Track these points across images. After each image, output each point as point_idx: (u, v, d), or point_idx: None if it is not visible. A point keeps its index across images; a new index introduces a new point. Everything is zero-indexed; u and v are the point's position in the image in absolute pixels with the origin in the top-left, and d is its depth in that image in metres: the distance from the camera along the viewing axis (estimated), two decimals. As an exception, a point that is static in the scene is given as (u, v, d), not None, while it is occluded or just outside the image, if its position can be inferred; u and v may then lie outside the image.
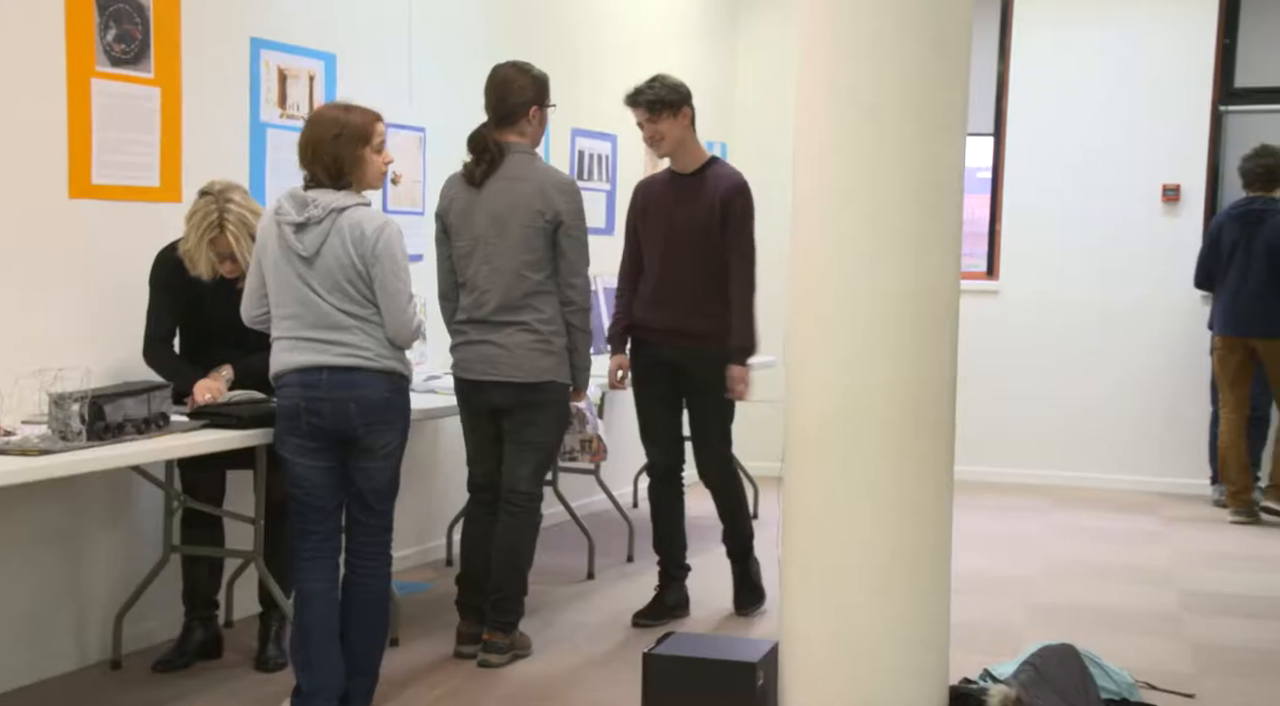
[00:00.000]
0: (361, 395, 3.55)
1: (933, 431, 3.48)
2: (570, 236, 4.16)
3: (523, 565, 4.27)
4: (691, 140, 4.67)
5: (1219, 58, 7.34)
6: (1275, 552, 6.09)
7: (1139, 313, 7.49)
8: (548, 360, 4.16)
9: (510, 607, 4.24)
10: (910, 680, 3.48)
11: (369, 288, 3.56)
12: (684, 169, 4.69)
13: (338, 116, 3.59)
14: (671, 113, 4.59)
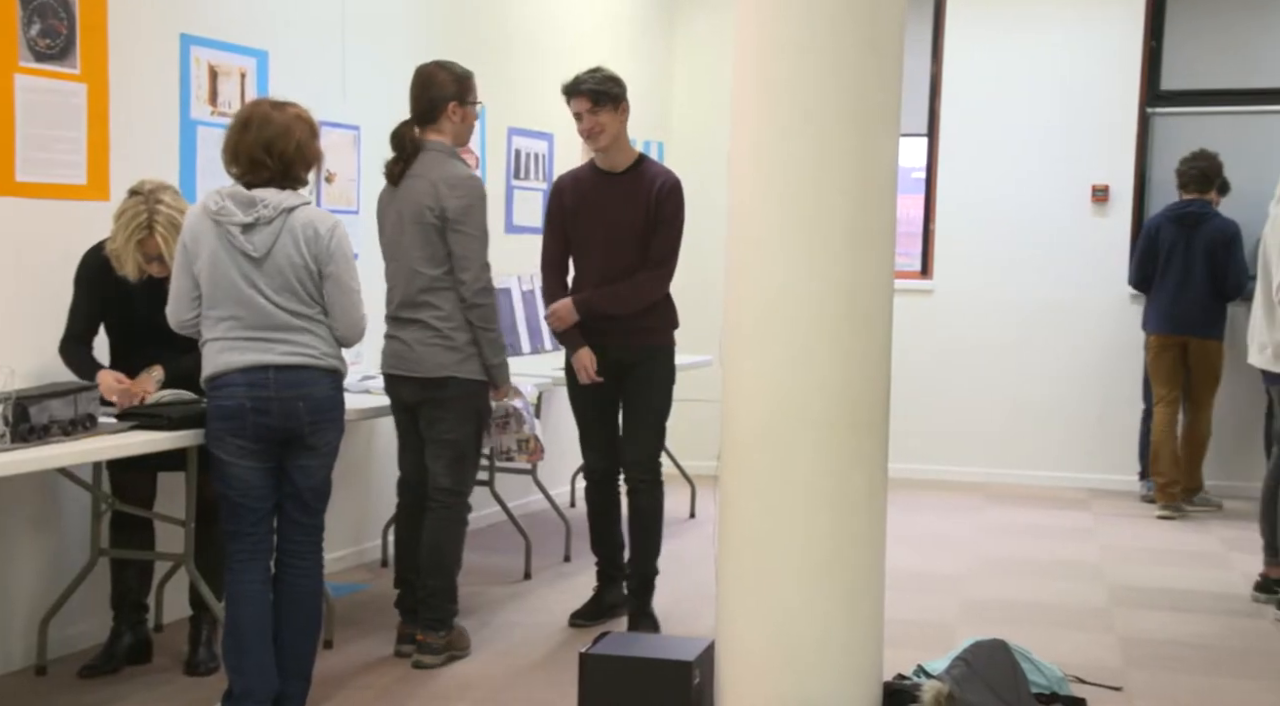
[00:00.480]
0: (309, 393, 3.54)
1: (867, 430, 3.51)
2: (457, 232, 4.11)
3: (448, 563, 4.23)
4: (625, 137, 4.60)
5: (1146, 61, 7.46)
6: (1201, 547, 6.20)
7: (1070, 311, 7.59)
8: (448, 356, 4.14)
9: (438, 606, 4.21)
10: (845, 677, 3.50)
11: (317, 288, 3.55)
12: (614, 166, 4.57)
13: (298, 114, 3.57)
14: (613, 105, 4.50)
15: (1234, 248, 6.79)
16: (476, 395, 4.23)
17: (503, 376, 4.25)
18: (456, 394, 4.18)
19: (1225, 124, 7.39)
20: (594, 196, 4.57)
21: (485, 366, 4.19)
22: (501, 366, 4.22)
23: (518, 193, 6.45)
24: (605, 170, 4.58)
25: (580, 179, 4.64)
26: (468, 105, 4.23)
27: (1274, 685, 4.21)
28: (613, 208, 4.53)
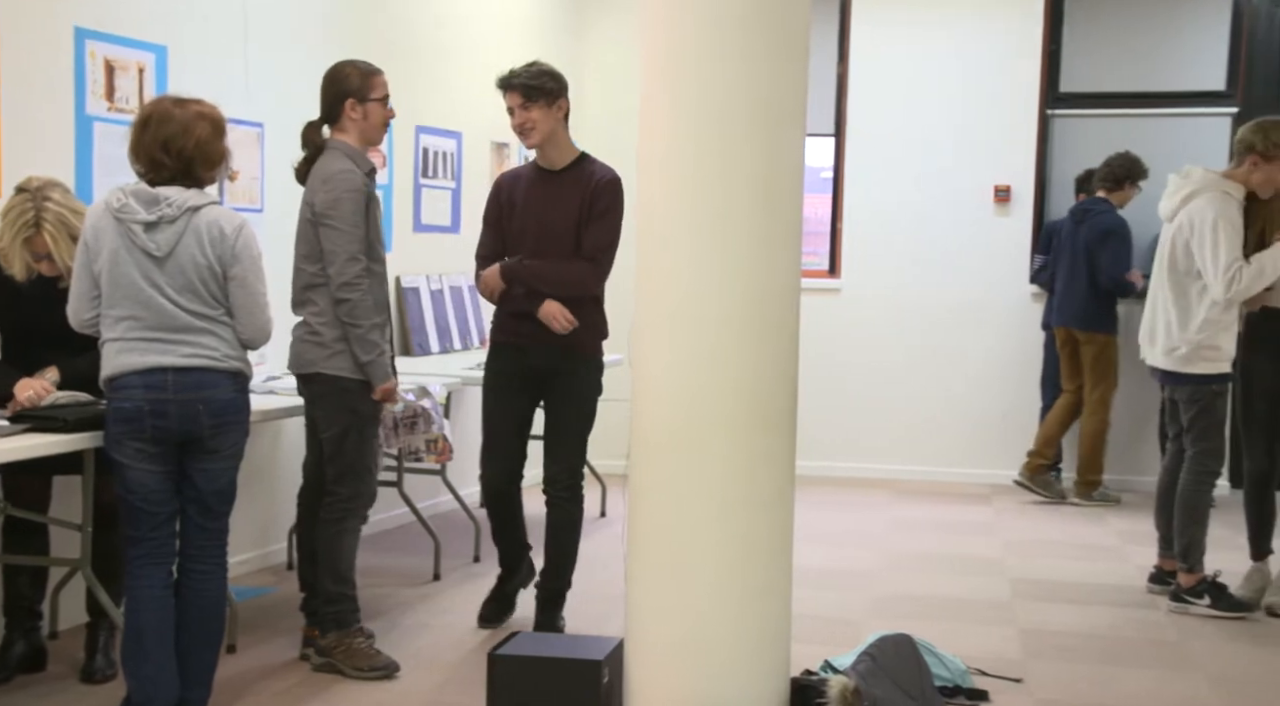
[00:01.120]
0: (210, 396, 3.47)
1: (775, 428, 3.54)
2: (324, 226, 4.03)
3: (337, 566, 4.15)
4: (563, 134, 4.45)
5: (1045, 63, 7.61)
6: (1098, 540, 6.34)
7: (974, 310, 7.72)
8: (316, 352, 4.09)
9: (328, 608, 4.15)
10: (753, 674, 3.53)
11: (221, 288, 3.49)
12: (553, 164, 4.46)
13: (200, 112, 3.50)
14: (547, 101, 4.38)
15: (1109, 242, 6.95)
16: (348, 392, 4.09)
17: (378, 375, 4.07)
18: (323, 391, 4.11)
19: (1122, 126, 7.57)
20: (531, 194, 4.46)
21: (358, 364, 4.07)
22: (373, 364, 4.06)
23: (425, 191, 6.40)
24: (545, 168, 4.48)
25: (520, 177, 4.55)
26: (368, 102, 4.13)
27: (1167, 674, 4.32)
28: (549, 205, 4.42)
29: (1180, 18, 7.53)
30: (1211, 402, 5.04)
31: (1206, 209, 4.91)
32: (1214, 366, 5.00)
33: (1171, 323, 5.04)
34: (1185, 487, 5.12)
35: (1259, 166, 4.96)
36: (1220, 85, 7.44)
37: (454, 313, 6.54)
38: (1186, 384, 5.06)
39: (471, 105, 6.74)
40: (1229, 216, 4.89)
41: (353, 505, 4.17)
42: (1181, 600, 5.06)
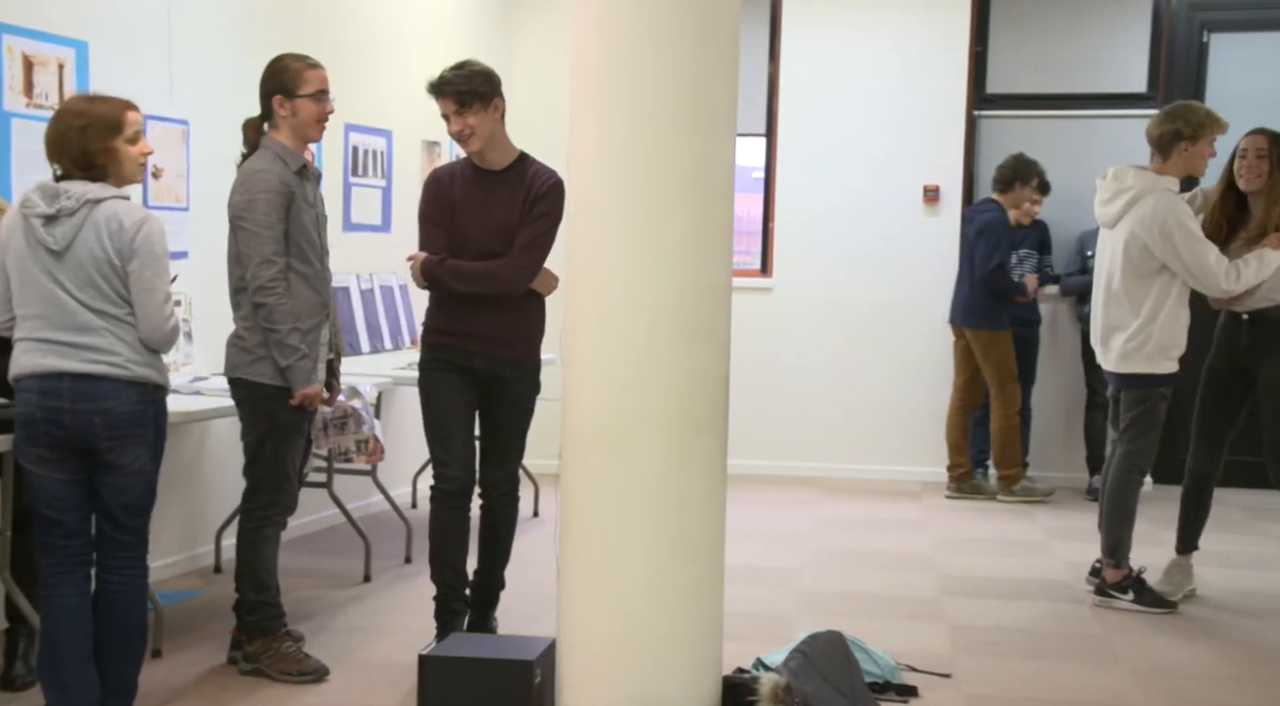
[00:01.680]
0: (108, 407, 3.35)
1: (707, 427, 3.55)
2: (238, 229, 3.97)
3: (258, 574, 4.09)
4: (502, 135, 4.27)
5: (972, 65, 7.70)
6: (1025, 536, 6.43)
7: (904, 309, 7.79)
8: (240, 357, 4.04)
9: (250, 617, 4.11)
10: (685, 673, 3.54)
11: (124, 285, 3.39)
12: (493, 165, 4.25)
13: (83, 108, 3.42)
14: (483, 104, 4.18)
15: (983, 238, 7.06)
16: (268, 399, 4.01)
17: (297, 380, 3.97)
18: (243, 396, 4.06)
19: (1046, 127, 7.68)
20: (470, 194, 4.25)
21: (278, 370, 3.99)
22: (292, 369, 3.96)
23: (355, 190, 6.34)
24: (484, 168, 4.28)
25: (456, 175, 4.32)
26: (297, 98, 4.05)
27: (1092, 666, 4.39)
28: (490, 207, 4.23)
29: (1102, 21, 7.65)
30: (1156, 404, 5.06)
31: (1159, 210, 4.90)
32: (1172, 366, 5.03)
33: (1132, 324, 5.01)
34: (1114, 485, 5.16)
35: (1187, 151, 5.01)
36: (1141, 87, 7.57)
37: (385, 312, 6.49)
38: (1138, 386, 5.05)
39: (402, 103, 6.68)
40: (1185, 213, 4.92)
41: (270, 513, 4.11)
42: (1106, 594, 5.13)
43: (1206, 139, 5.03)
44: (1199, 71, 7.56)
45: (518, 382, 4.31)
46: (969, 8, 7.63)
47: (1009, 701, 4.05)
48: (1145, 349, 5.00)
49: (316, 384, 4.07)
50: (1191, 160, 5.05)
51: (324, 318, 4.15)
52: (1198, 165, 5.08)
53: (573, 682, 3.55)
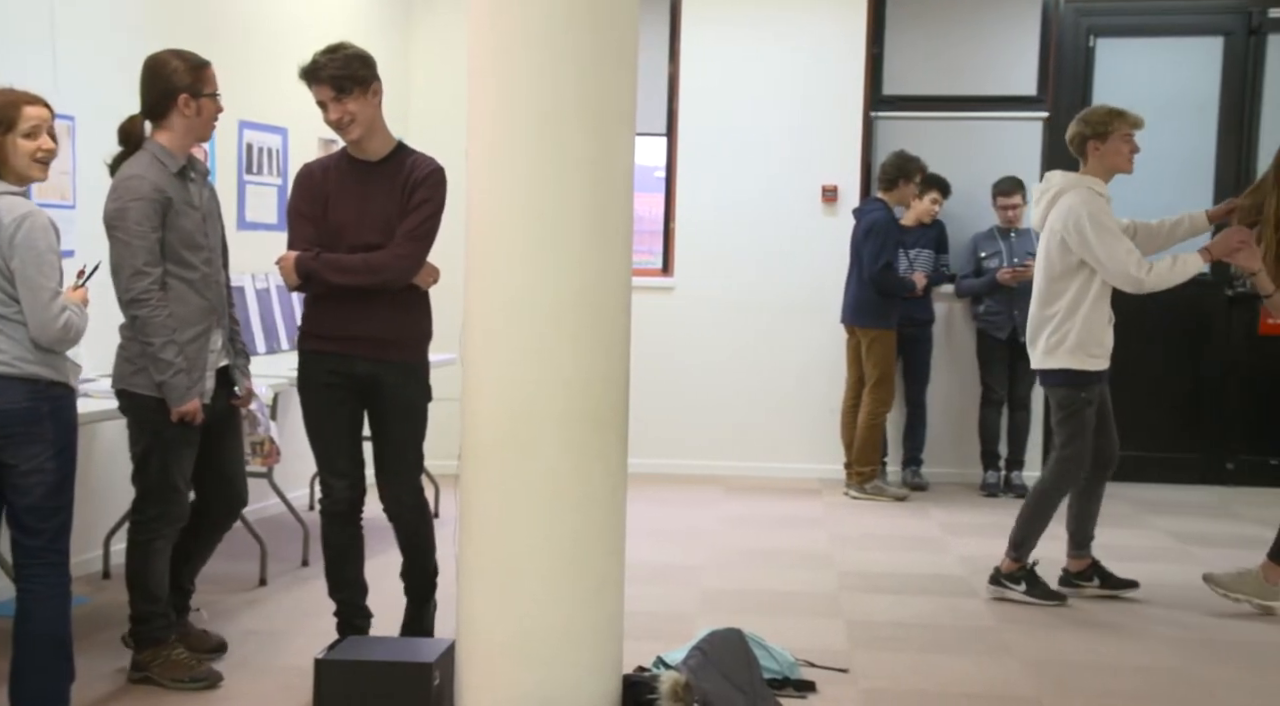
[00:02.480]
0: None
1: (607, 426, 3.55)
2: (110, 238, 3.88)
3: (147, 584, 4.01)
4: (381, 121, 4.07)
5: (869, 66, 7.80)
6: (921, 532, 6.53)
7: (803, 307, 7.86)
8: (123, 367, 3.96)
9: (139, 626, 4.04)
10: (585, 672, 3.55)
11: (11, 283, 3.32)
12: (370, 155, 4.05)
13: None
14: (362, 90, 3.97)
15: (869, 238, 7.15)
16: (151, 412, 3.92)
17: (172, 396, 3.86)
18: (127, 406, 3.99)
19: (942, 128, 7.81)
20: (347, 186, 4.05)
21: (159, 385, 3.89)
22: (167, 386, 3.85)
23: (250, 188, 6.24)
24: (360, 159, 4.08)
25: (330, 168, 4.13)
26: (203, 97, 3.96)
27: (985, 659, 4.48)
28: (368, 199, 4.03)
29: (994, 25, 7.81)
30: (1080, 410, 5.07)
31: (1075, 205, 4.98)
32: (1094, 363, 5.06)
33: (1052, 321, 5.07)
34: (1041, 486, 5.22)
35: (1099, 149, 5.08)
36: (1032, 90, 7.74)
37: (281, 312, 6.40)
38: (1060, 384, 5.09)
39: (297, 100, 6.49)
40: (1099, 208, 4.98)
41: (160, 525, 4.01)
42: (1000, 584, 5.23)
43: (1117, 135, 5.07)
44: (1086, 75, 7.76)
45: (403, 387, 4.06)
46: (865, 10, 7.74)
47: (904, 694, 4.12)
48: (1065, 344, 5.04)
49: (195, 400, 3.92)
50: (1107, 157, 5.09)
51: (213, 322, 4.04)
52: (1116, 162, 5.11)
53: (472, 684, 3.53)
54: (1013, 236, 7.45)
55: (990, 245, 7.49)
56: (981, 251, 7.52)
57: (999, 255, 7.44)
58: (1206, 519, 6.89)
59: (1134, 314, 7.70)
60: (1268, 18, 7.61)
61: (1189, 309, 7.67)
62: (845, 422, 7.43)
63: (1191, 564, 5.88)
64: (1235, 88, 7.65)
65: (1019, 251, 7.39)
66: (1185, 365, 7.75)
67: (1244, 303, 7.61)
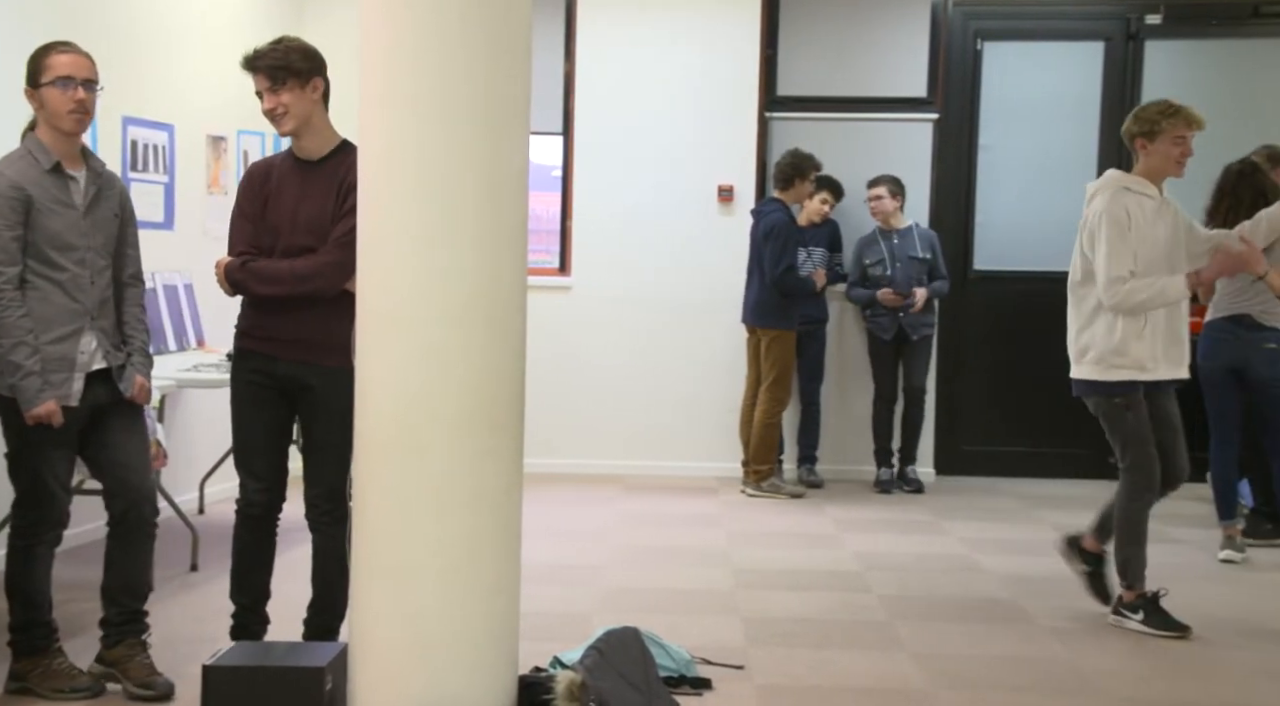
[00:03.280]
0: None
1: (502, 426, 3.54)
2: None
3: (24, 589, 3.91)
4: (320, 120, 4.03)
5: (763, 67, 7.87)
6: (816, 529, 6.60)
7: (702, 307, 7.90)
8: None
9: (18, 635, 3.94)
10: (480, 674, 3.52)
11: None
12: (310, 154, 4.03)
13: None
14: (299, 83, 3.95)
15: (770, 240, 7.20)
16: (11, 412, 3.82)
17: (22, 398, 3.75)
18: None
19: (835, 128, 7.89)
20: (286, 186, 4.02)
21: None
22: (16, 388, 3.75)
23: (135, 186, 6.09)
24: (302, 158, 4.05)
25: (273, 167, 4.10)
26: (41, 87, 3.82)
27: (878, 654, 4.55)
28: (303, 199, 3.99)
29: (885, 27, 7.92)
30: (1118, 414, 4.78)
31: (1099, 208, 4.73)
32: (1121, 373, 4.74)
33: (1072, 328, 4.87)
34: (1116, 505, 4.93)
35: (1146, 148, 4.76)
36: (922, 92, 7.86)
37: (168, 313, 6.26)
38: (1087, 394, 4.86)
39: (185, 96, 6.47)
40: (1119, 209, 4.69)
41: (39, 529, 3.91)
42: (1120, 613, 4.91)
43: (1167, 136, 4.73)
44: (974, 78, 7.91)
45: (327, 392, 3.97)
46: (759, 11, 7.80)
47: (798, 690, 4.16)
48: (1087, 354, 4.79)
49: (50, 403, 3.78)
50: (1153, 159, 4.77)
51: (84, 324, 3.90)
52: (1162, 164, 4.77)
53: (365, 687, 3.49)
54: (894, 239, 7.52)
55: (873, 251, 7.57)
56: (866, 258, 7.61)
57: (882, 262, 7.53)
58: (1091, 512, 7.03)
59: (1018, 310, 7.94)
60: (1145, 24, 7.83)
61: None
62: (744, 421, 7.48)
63: (1077, 556, 6.02)
64: (1115, 91, 7.85)
65: (900, 254, 7.48)
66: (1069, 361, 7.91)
67: (1126, 301, 7.81)
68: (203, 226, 6.65)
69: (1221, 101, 7.76)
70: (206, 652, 3.82)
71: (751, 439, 7.37)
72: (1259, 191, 5.79)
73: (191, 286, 6.40)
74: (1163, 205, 4.84)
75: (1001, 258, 7.95)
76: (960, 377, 7.95)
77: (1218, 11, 7.87)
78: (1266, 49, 7.84)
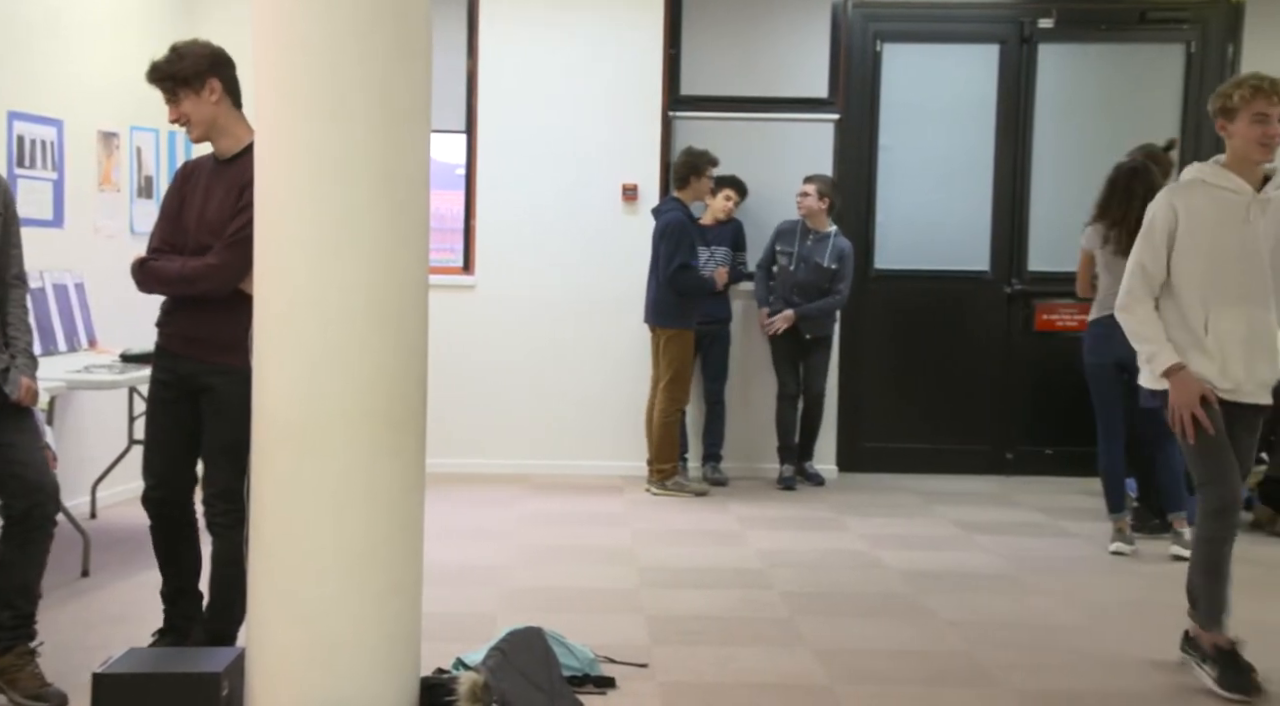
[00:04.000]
0: None
1: (403, 426, 3.50)
2: None
3: None
4: (228, 119, 4.02)
5: (667, 66, 7.88)
6: (720, 526, 6.63)
7: (606, 306, 7.89)
8: None
9: None
10: (381, 676, 3.49)
11: None
12: (224, 153, 4.03)
13: None
14: (193, 89, 3.95)
15: (664, 239, 7.23)
16: None
17: None
18: None
19: (738, 128, 7.93)
20: (199, 185, 4.07)
21: None
22: None
23: (22, 182, 5.92)
24: (219, 157, 4.07)
25: (200, 166, 4.14)
26: None
27: (780, 650, 4.58)
28: (209, 200, 4.01)
29: (787, 27, 7.97)
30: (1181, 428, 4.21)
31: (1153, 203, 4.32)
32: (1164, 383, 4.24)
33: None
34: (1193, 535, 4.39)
35: (1227, 131, 4.19)
36: (823, 93, 7.94)
37: (58, 312, 6.10)
38: (1149, 405, 4.46)
39: (75, 91, 6.31)
40: (1156, 211, 4.24)
41: None
42: (1189, 652, 4.33)
43: (1244, 113, 4.12)
44: (874, 79, 8.00)
45: (222, 391, 3.96)
46: (663, 10, 7.81)
47: (701, 687, 4.18)
48: (1150, 365, 4.29)
49: None
50: (1235, 142, 4.18)
51: None
52: (1244, 149, 4.15)
53: (262, 692, 3.43)
54: (810, 240, 7.57)
55: (788, 243, 7.62)
56: (779, 245, 7.67)
57: (790, 255, 7.59)
58: (988, 507, 7.19)
59: (918, 309, 8.06)
60: (1038, 28, 7.99)
61: (970, 305, 8.00)
62: (649, 420, 7.49)
63: (974, 550, 6.13)
64: (1010, 92, 8.00)
65: (809, 257, 7.53)
66: (967, 359, 8.06)
67: (1020, 299, 7.98)
68: (94, 224, 6.49)
69: (1110, 103, 7.99)
70: (98, 660, 3.73)
71: (653, 439, 7.38)
72: (1150, 188, 5.93)
73: (83, 286, 6.24)
74: (1253, 204, 4.17)
75: (901, 257, 8.05)
76: (861, 375, 8.05)
77: (1107, 16, 8.06)
78: (1152, 53, 8.04)
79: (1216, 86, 4.38)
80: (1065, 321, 7.84)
